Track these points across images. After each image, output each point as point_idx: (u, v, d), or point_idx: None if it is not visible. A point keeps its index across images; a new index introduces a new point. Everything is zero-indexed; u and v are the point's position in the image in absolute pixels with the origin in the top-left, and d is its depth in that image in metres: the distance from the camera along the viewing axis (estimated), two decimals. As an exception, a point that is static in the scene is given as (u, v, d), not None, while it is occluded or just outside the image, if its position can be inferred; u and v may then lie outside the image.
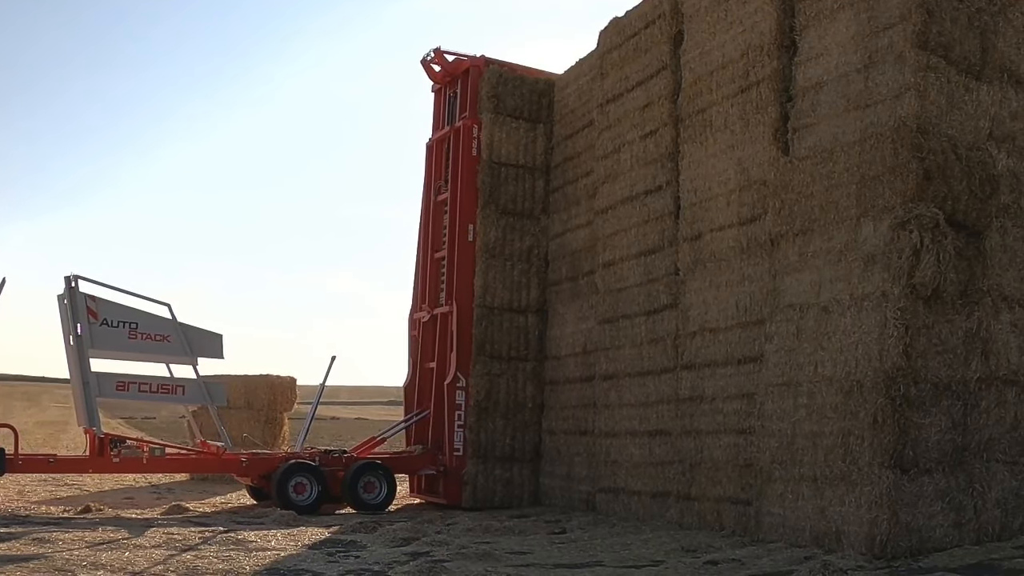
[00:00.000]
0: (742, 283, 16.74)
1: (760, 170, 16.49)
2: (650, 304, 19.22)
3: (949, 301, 13.55)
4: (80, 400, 21.62)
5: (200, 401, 23.27)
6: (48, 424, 59.46)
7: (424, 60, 25.53)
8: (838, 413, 13.90)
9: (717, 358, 17.22)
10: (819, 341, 14.42)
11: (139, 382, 22.02)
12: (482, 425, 23.08)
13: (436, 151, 25.48)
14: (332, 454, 23.45)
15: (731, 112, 17.31)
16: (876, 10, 14.70)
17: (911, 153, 13.47)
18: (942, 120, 14.04)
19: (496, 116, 24.14)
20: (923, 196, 13.45)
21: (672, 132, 18.91)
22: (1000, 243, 14.28)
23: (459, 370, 23.16)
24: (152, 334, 21.78)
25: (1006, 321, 14.16)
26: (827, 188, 14.73)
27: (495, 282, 23.71)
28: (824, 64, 15.51)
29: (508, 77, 24.52)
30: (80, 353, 21.30)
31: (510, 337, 23.70)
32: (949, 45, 14.32)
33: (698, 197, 18.00)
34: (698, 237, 17.92)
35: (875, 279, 13.71)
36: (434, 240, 25.08)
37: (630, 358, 19.70)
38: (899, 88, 14.09)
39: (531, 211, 24.32)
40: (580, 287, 22.55)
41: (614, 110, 20.89)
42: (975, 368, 13.75)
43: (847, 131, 14.78)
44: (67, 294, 21.44)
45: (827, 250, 14.62)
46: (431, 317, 24.60)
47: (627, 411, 19.62)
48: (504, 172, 24.08)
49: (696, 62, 18.31)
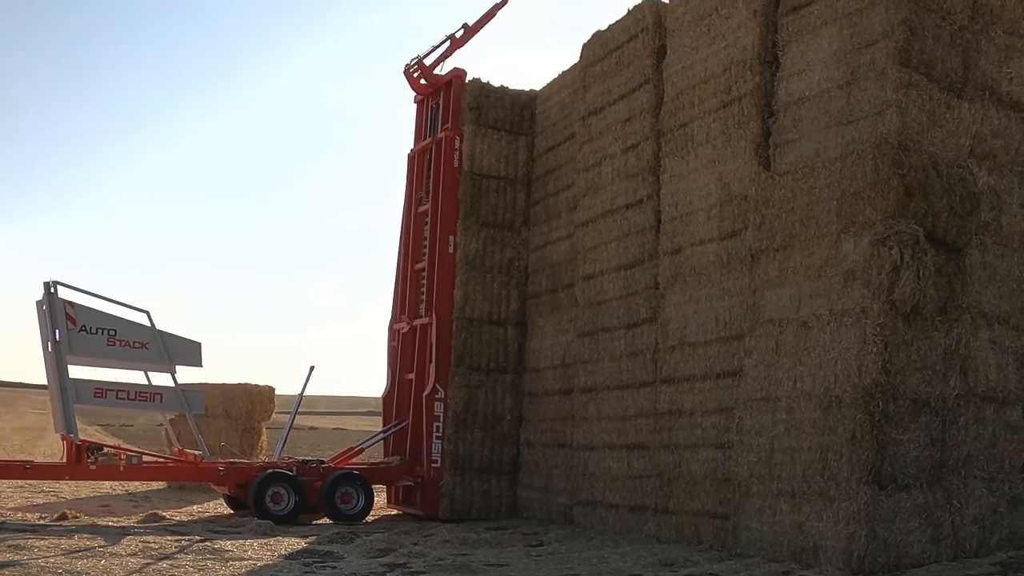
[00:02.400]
0: (722, 297, 16.75)
1: (741, 185, 16.51)
2: (630, 317, 19.23)
3: (928, 318, 13.60)
4: (58, 406, 21.57)
5: (178, 409, 23.25)
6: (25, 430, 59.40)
7: (407, 71, 25.57)
8: (816, 428, 13.92)
9: (696, 372, 17.22)
10: (798, 356, 14.44)
11: (117, 389, 21.97)
12: (460, 437, 23.05)
13: (418, 162, 25.50)
14: (310, 464, 23.42)
15: (713, 127, 17.34)
16: (859, 27, 14.75)
17: (892, 169, 13.51)
18: (923, 137, 14.11)
19: (478, 128, 24.16)
20: (903, 212, 13.49)
21: (654, 146, 18.92)
22: (980, 260, 14.36)
23: (438, 381, 23.14)
24: (130, 341, 21.74)
25: (985, 338, 14.23)
26: (808, 204, 14.75)
27: (475, 294, 23.70)
28: (806, 80, 15.56)
29: (490, 89, 24.54)
30: (58, 359, 21.24)
31: (489, 349, 23.69)
32: (931, 62, 14.39)
33: (679, 211, 18.01)
34: (678, 251, 17.93)
35: (855, 295, 13.73)
36: (415, 251, 25.08)
37: (609, 371, 19.69)
38: (881, 105, 14.14)
39: (512, 223, 24.32)
40: (560, 300, 22.54)
41: (596, 123, 20.91)
42: (954, 385, 13.81)
43: (828, 147, 14.82)
44: (46, 300, 21.38)
45: (807, 265, 14.64)
46: (411, 328, 24.59)
47: (606, 424, 19.61)
48: (485, 184, 24.09)
49: (678, 76, 18.33)
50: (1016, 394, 14.61)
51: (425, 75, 25.22)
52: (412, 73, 25.43)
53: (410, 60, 25.48)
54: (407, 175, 25.85)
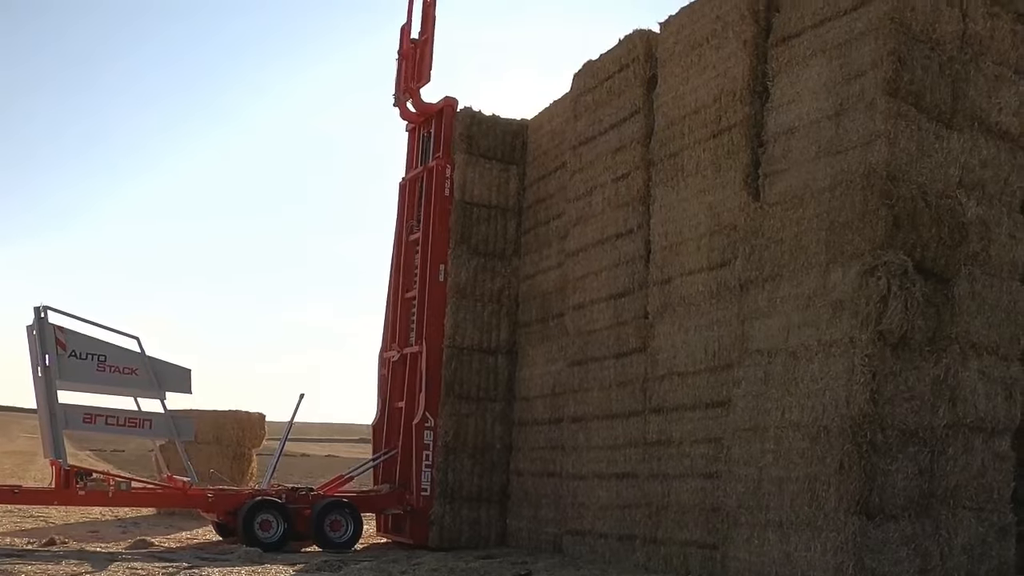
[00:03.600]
0: (711, 327, 16.75)
1: (731, 215, 16.53)
2: (619, 347, 19.23)
3: (917, 348, 13.62)
4: (47, 431, 21.53)
5: (167, 435, 23.20)
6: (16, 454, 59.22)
7: (397, 99, 25.60)
8: (805, 458, 13.92)
9: (685, 402, 17.21)
10: (787, 386, 14.44)
11: (106, 415, 21.91)
12: (450, 465, 23.01)
13: (409, 190, 25.49)
14: (299, 491, 23.36)
15: (703, 157, 17.36)
16: (848, 57, 14.79)
17: (881, 200, 13.54)
18: (912, 167, 14.14)
19: (469, 157, 24.18)
20: (892, 243, 13.52)
21: (644, 176, 18.95)
22: (969, 290, 14.38)
23: (428, 410, 23.10)
24: (120, 367, 21.68)
25: (974, 368, 14.24)
26: (797, 234, 14.78)
27: (465, 322, 23.70)
28: (796, 110, 15.59)
29: (481, 118, 24.56)
30: (48, 384, 21.20)
31: (479, 378, 23.66)
32: (920, 93, 14.43)
33: (669, 241, 18.02)
34: (668, 281, 17.94)
35: (843, 325, 13.74)
36: (405, 279, 25.07)
37: (598, 401, 19.69)
38: (870, 135, 14.17)
39: (503, 252, 24.34)
40: (550, 329, 22.54)
41: (587, 153, 20.94)
42: (942, 415, 13.82)
43: (817, 177, 14.84)
44: (36, 324, 21.35)
45: (796, 296, 14.66)
46: (401, 356, 24.56)
47: (595, 454, 19.59)
48: (476, 213, 24.10)
49: (669, 106, 18.37)
50: (1005, 424, 14.62)
51: (416, 104, 25.22)
52: (404, 102, 25.45)
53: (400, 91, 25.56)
54: (398, 203, 25.83)
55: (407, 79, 25.35)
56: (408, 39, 25.57)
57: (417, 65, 25.11)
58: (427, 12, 25.27)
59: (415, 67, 25.16)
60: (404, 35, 25.76)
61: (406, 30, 25.72)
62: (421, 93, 25.12)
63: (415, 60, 25.15)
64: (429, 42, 24.90)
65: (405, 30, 25.75)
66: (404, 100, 25.50)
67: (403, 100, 25.54)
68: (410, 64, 25.32)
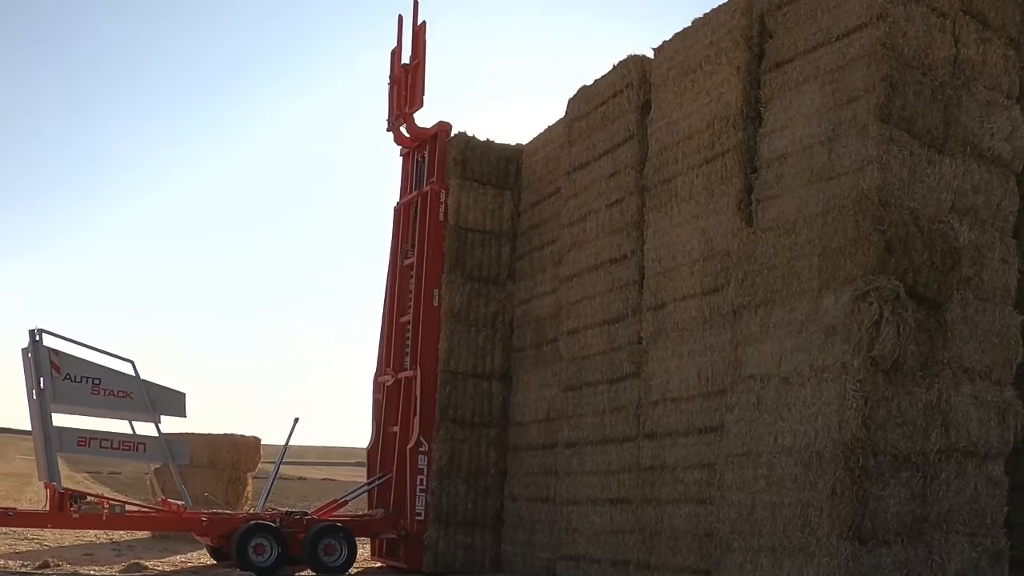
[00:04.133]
0: (704, 353, 16.76)
1: (724, 240, 16.56)
2: (613, 372, 19.24)
3: (909, 373, 13.62)
4: (41, 454, 21.50)
5: (162, 459, 23.15)
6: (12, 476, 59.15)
7: (391, 124, 25.62)
8: (797, 484, 13.92)
9: (678, 427, 17.21)
10: (779, 412, 14.44)
11: (101, 438, 21.86)
12: (444, 490, 23.00)
13: (403, 215, 25.51)
14: (293, 515, 23.30)
15: (696, 182, 17.39)
16: (840, 83, 14.83)
17: (873, 225, 13.57)
18: (904, 193, 14.17)
19: (463, 182, 24.21)
20: (884, 268, 13.54)
21: (638, 201, 18.97)
22: (961, 315, 14.38)
23: (422, 434, 23.09)
24: (115, 390, 21.65)
25: (966, 393, 14.24)
26: (789, 259, 14.80)
27: (460, 347, 23.71)
28: (788, 136, 15.63)
29: (476, 143, 24.60)
30: (42, 407, 21.18)
31: (474, 403, 23.67)
32: (912, 118, 14.47)
33: (662, 266, 18.04)
34: (662, 306, 17.95)
35: (835, 351, 13.76)
36: (400, 304, 25.08)
37: (592, 426, 19.68)
38: (862, 161, 14.21)
39: (497, 277, 24.37)
40: (544, 354, 22.55)
41: (581, 178, 20.97)
42: (935, 440, 13.82)
43: (810, 203, 14.88)
44: (31, 347, 21.33)
45: (788, 321, 14.67)
46: (395, 381, 24.56)
47: (589, 479, 19.58)
48: (471, 238, 24.13)
49: (663, 132, 18.39)
50: (998, 448, 14.61)
51: (409, 128, 25.23)
52: (397, 126, 25.48)
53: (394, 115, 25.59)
54: (393, 228, 25.85)
55: (400, 104, 25.37)
56: (399, 63, 25.58)
57: (409, 90, 25.12)
58: (417, 36, 25.28)
59: (407, 92, 25.17)
60: (395, 59, 25.77)
61: (397, 54, 25.73)
62: (414, 118, 25.12)
63: (407, 85, 25.16)
64: (421, 66, 24.89)
65: (396, 54, 25.76)
66: (397, 125, 25.51)
67: (396, 125, 25.55)
68: (402, 89, 25.33)
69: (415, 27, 25.35)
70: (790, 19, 16.05)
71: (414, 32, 25.34)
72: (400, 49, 25.67)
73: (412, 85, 24.96)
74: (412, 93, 24.95)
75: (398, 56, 25.67)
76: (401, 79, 25.35)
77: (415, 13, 25.37)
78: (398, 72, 25.53)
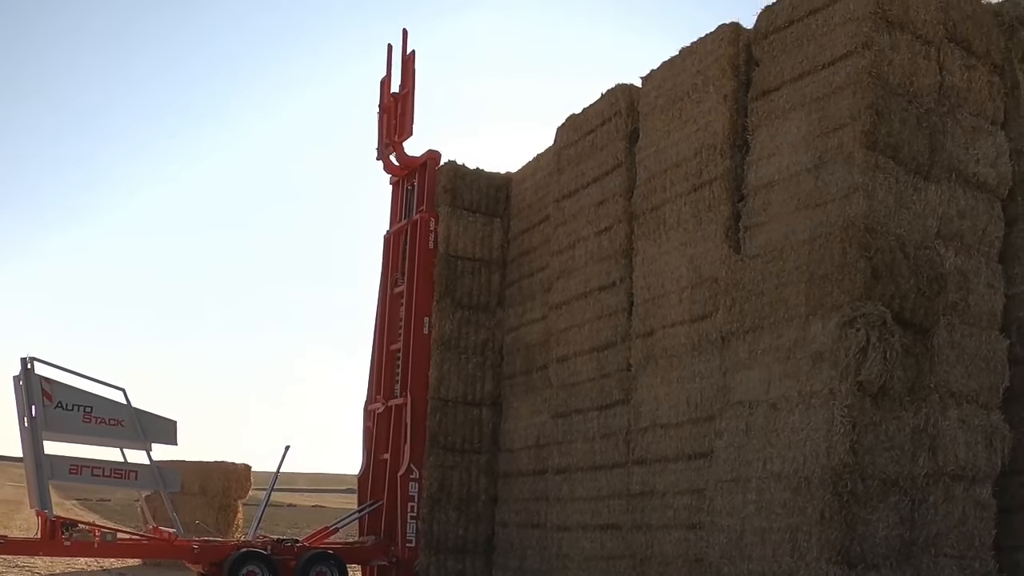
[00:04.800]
0: (693, 379, 16.83)
1: (712, 268, 16.65)
2: (602, 399, 19.30)
3: (896, 398, 13.70)
4: (33, 482, 21.49)
5: (153, 487, 23.12)
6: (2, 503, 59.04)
7: (380, 152, 25.69)
8: (786, 509, 13.99)
9: (668, 453, 17.27)
10: (768, 438, 14.52)
11: (92, 466, 21.85)
12: (435, 517, 23.03)
13: (393, 243, 25.55)
14: (284, 543, 23.29)
15: (684, 210, 17.48)
16: (826, 111, 14.96)
17: (859, 252, 13.68)
18: (890, 219, 14.28)
19: (453, 210, 24.31)
20: (871, 294, 13.64)
21: (626, 229, 19.07)
22: (947, 340, 14.49)
23: (413, 461, 23.11)
24: (106, 418, 21.63)
25: (953, 417, 14.33)
26: (777, 286, 14.90)
27: (450, 374, 23.77)
28: (775, 164, 15.74)
29: (465, 171, 24.74)
30: (34, 435, 21.16)
31: (464, 429, 23.73)
32: (898, 145, 14.59)
33: (651, 294, 18.13)
34: (650, 333, 18.03)
35: (823, 376, 13.85)
36: (390, 332, 25.11)
37: (582, 452, 19.74)
38: (848, 188, 14.32)
39: (487, 304, 24.46)
40: (534, 381, 22.61)
41: (570, 206, 21.06)
42: (922, 464, 13.89)
43: (797, 230, 14.98)
44: (23, 376, 21.33)
45: (776, 347, 14.76)
46: (386, 408, 24.57)
47: (579, 505, 19.63)
48: (460, 265, 24.22)
49: (651, 160, 18.49)
50: (986, 471, 14.69)
51: (399, 157, 25.29)
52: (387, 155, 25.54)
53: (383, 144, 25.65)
54: (383, 256, 25.89)
55: (389, 132, 25.43)
56: (388, 92, 25.65)
57: (399, 119, 25.18)
58: (407, 66, 25.36)
59: (397, 121, 25.24)
60: (384, 88, 25.84)
61: (386, 83, 25.80)
62: (404, 146, 25.19)
63: (397, 114, 25.23)
64: (410, 95, 24.96)
65: (385, 83, 25.84)
66: (387, 153, 25.57)
67: (386, 153, 25.61)
68: (391, 117, 25.40)
69: (404, 57, 25.42)
70: (776, 48, 16.19)
71: (403, 61, 25.41)
72: (389, 78, 25.75)
73: (402, 114, 25.04)
74: (402, 122, 25.03)
75: (387, 85, 25.73)
76: (391, 108, 25.42)
77: (404, 43, 25.47)
78: (388, 101, 25.59)
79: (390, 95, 25.56)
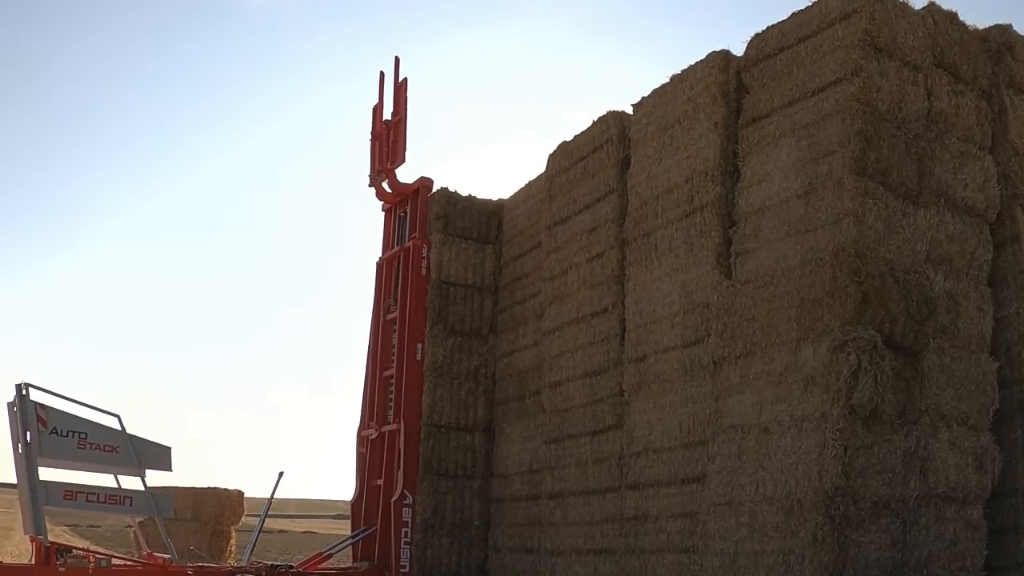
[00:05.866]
0: (685, 404, 16.92)
1: (703, 293, 16.75)
2: (595, 424, 19.38)
3: (887, 421, 13.79)
4: (27, 508, 21.45)
5: (147, 512, 23.10)
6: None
7: (373, 179, 25.74)
8: (779, 532, 14.06)
9: (661, 478, 17.35)
10: (760, 461, 14.60)
11: (87, 492, 21.81)
12: (428, 542, 23.05)
13: (386, 270, 25.58)
14: (278, 568, 23.26)
15: (676, 236, 17.59)
16: (816, 137, 15.08)
17: (849, 277, 13.80)
18: (880, 244, 14.39)
19: (445, 236, 24.42)
20: (861, 319, 13.75)
21: (618, 255, 19.17)
22: (938, 363, 14.56)
23: (406, 487, 23.10)
24: (101, 444, 21.60)
25: (944, 439, 14.40)
26: (768, 311, 15.01)
27: (443, 400, 23.83)
28: (766, 190, 15.86)
29: (457, 198, 24.84)
30: (28, 461, 21.14)
31: (457, 455, 23.77)
32: (887, 171, 14.70)
33: (643, 319, 18.22)
34: (643, 359, 18.12)
35: (814, 400, 13.94)
36: (383, 358, 25.13)
37: (575, 477, 19.81)
38: (838, 213, 14.44)
39: (479, 330, 24.54)
40: (527, 406, 22.67)
41: (562, 232, 21.17)
42: (914, 486, 13.96)
43: (788, 255, 15.09)
44: (17, 401, 21.33)
45: (768, 372, 14.86)
46: (379, 434, 24.57)
47: (572, 530, 19.69)
48: (453, 292, 24.31)
49: (642, 186, 18.60)
50: (976, 493, 14.75)
51: (391, 184, 25.34)
52: (379, 182, 25.59)
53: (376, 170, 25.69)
54: (375, 283, 25.91)
55: (382, 159, 25.48)
56: (380, 119, 25.70)
57: (391, 146, 25.24)
58: (399, 93, 25.40)
59: (389, 148, 25.31)
60: (376, 115, 25.86)
61: (378, 111, 25.86)
62: (396, 173, 25.28)
63: (389, 141, 25.29)
64: (402, 123, 25.00)
65: (377, 111, 25.87)
66: (379, 180, 25.60)
67: (378, 180, 25.65)
68: (384, 145, 25.45)
69: (396, 84, 25.49)
70: (766, 75, 16.33)
71: (396, 88, 25.46)
72: (382, 105, 25.79)
73: (394, 141, 25.06)
74: (394, 149, 25.06)
75: (380, 112, 25.77)
76: (383, 135, 25.45)
77: (396, 70, 25.54)
78: (380, 128, 25.60)
79: (382, 122, 25.59)
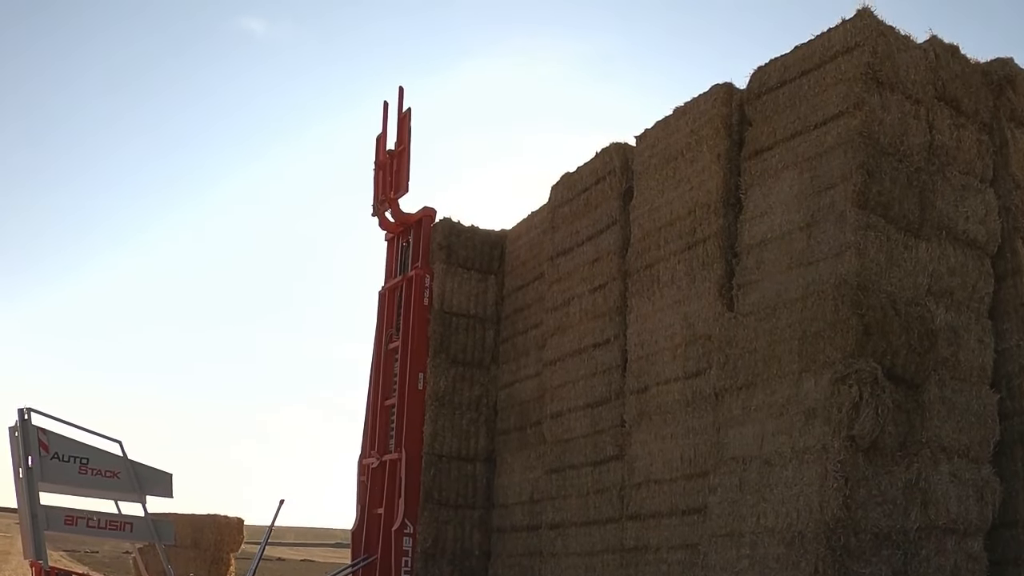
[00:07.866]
0: (687, 435, 16.93)
1: (705, 325, 16.79)
2: (596, 455, 19.38)
3: (888, 453, 13.80)
4: (28, 532, 21.45)
5: (148, 538, 23.10)
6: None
7: (376, 209, 25.79)
8: (780, 564, 14.04)
9: (662, 509, 17.34)
10: (761, 493, 14.59)
11: (87, 517, 21.81)
12: (429, 572, 22.99)
13: (388, 299, 25.64)
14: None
15: (678, 268, 17.64)
16: (818, 170, 15.15)
17: (851, 309, 13.83)
18: (882, 277, 14.43)
19: (448, 266, 24.47)
20: (863, 351, 13.78)
21: (620, 286, 19.22)
22: (938, 395, 14.58)
23: (407, 516, 23.09)
24: (102, 470, 21.61)
25: (945, 471, 14.39)
26: (770, 343, 15.03)
27: (444, 430, 23.83)
28: (768, 222, 15.91)
29: (460, 228, 24.90)
30: (30, 485, 21.15)
31: (458, 485, 23.76)
32: (888, 204, 14.76)
33: (645, 351, 18.25)
34: (644, 390, 18.14)
35: (816, 432, 13.95)
36: (384, 387, 25.14)
37: (576, 508, 19.80)
38: (840, 246, 14.50)
39: (481, 360, 24.56)
40: (528, 437, 22.67)
41: (564, 263, 21.21)
42: (915, 518, 13.95)
43: (790, 288, 15.14)
44: (19, 426, 21.34)
45: (769, 404, 14.87)
46: (380, 463, 24.57)
47: (573, 560, 19.66)
48: (455, 322, 24.35)
49: (645, 218, 18.66)
50: (977, 525, 14.74)
51: (395, 214, 25.40)
52: (383, 211, 25.64)
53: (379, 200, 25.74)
54: (378, 312, 25.96)
55: (385, 189, 25.54)
56: (384, 149, 25.76)
57: (395, 175, 25.30)
58: (403, 123, 25.47)
59: (392, 177, 25.36)
60: (380, 145, 25.93)
61: (382, 140, 25.91)
62: (400, 203, 25.33)
63: (392, 170, 25.35)
64: (406, 152, 25.06)
65: (381, 140, 25.93)
66: (383, 210, 25.68)
67: (382, 210, 25.71)
68: (387, 174, 25.50)
69: (400, 114, 25.56)
70: (769, 108, 16.41)
71: (399, 119, 25.54)
72: (385, 135, 25.85)
73: (397, 171, 25.14)
74: (397, 178, 25.13)
75: (383, 142, 25.84)
76: (386, 165, 25.52)
77: (400, 100, 25.63)
78: (383, 158, 25.68)
79: (386, 152, 25.66)
